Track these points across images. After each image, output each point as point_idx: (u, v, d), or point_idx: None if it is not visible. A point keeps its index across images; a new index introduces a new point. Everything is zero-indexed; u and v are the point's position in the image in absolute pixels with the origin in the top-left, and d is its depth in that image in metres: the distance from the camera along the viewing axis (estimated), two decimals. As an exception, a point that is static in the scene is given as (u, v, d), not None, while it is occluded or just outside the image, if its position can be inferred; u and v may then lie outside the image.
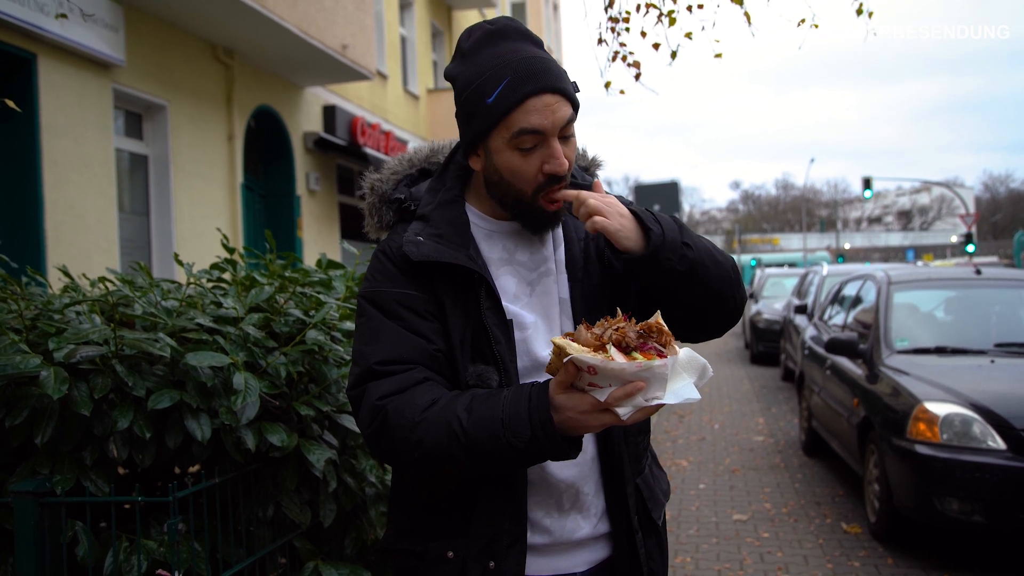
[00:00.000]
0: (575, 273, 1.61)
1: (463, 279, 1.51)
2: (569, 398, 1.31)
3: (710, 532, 5.48)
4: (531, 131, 1.45)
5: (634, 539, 1.60)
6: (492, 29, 1.50)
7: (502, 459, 1.37)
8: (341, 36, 11.05)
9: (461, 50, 1.53)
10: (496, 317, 1.50)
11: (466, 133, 1.54)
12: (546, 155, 1.47)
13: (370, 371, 1.46)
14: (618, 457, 1.59)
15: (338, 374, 2.44)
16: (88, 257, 7.58)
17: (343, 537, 2.50)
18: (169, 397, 2.01)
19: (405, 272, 1.52)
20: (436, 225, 1.55)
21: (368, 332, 1.51)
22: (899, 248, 70.92)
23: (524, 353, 1.53)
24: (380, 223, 1.68)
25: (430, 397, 1.41)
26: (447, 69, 1.55)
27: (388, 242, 1.59)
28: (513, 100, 1.44)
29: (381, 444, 1.44)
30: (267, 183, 11.88)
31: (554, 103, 1.45)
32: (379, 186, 1.69)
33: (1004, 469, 4.37)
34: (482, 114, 1.47)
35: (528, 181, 1.50)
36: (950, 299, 6.63)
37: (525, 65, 1.45)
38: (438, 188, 1.63)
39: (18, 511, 1.88)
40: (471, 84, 1.48)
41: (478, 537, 1.49)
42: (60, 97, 7.47)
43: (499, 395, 1.39)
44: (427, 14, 17.60)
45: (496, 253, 1.59)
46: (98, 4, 7.76)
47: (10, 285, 2.36)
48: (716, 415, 9.79)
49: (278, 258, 2.94)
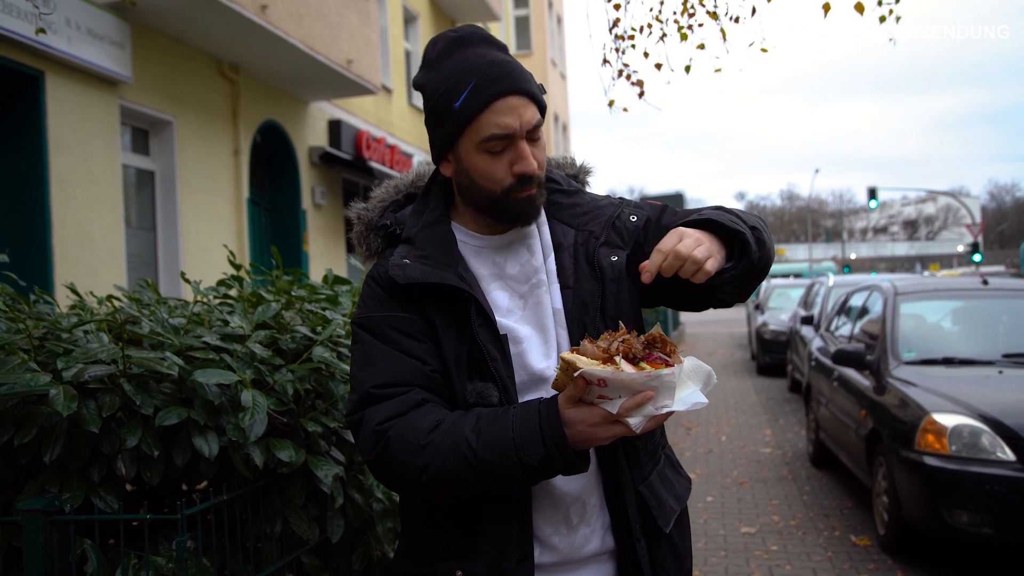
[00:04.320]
0: (566, 281, 1.60)
1: (452, 298, 1.51)
2: (579, 412, 1.31)
3: (718, 545, 5.46)
4: (499, 135, 1.46)
5: (635, 548, 1.57)
6: (456, 36, 1.51)
7: (513, 478, 1.37)
8: (346, 51, 11.11)
9: (428, 59, 1.53)
10: (489, 334, 1.50)
11: (436, 140, 1.55)
12: (515, 156, 1.48)
13: (367, 396, 1.46)
14: (616, 464, 1.57)
15: (344, 390, 2.44)
16: (94, 273, 7.61)
17: (351, 553, 2.49)
18: (177, 414, 2.02)
19: (394, 296, 1.52)
20: (422, 247, 1.55)
21: (363, 358, 1.51)
22: (905, 258, 70.79)
23: (520, 367, 1.53)
24: (369, 251, 1.68)
25: (433, 419, 1.41)
26: (415, 78, 1.56)
27: (377, 268, 1.60)
28: (479, 103, 1.45)
29: (384, 470, 1.44)
30: (273, 198, 11.92)
31: (520, 105, 1.46)
32: (365, 215, 1.69)
33: (1013, 481, 4.34)
34: (450, 119, 1.48)
35: (497, 182, 1.50)
36: (957, 310, 6.61)
37: (490, 69, 1.46)
38: (422, 210, 1.63)
39: (27, 529, 1.88)
40: (438, 91, 1.49)
41: (485, 554, 1.48)
42: (67, 113, 7.52)
43: (506, 414, 1.39)
44: (431, 29, 17.68)
45: (486, 269, 1.59)
46: (105, 21, 7.82)
47: (19, 304, 2.37)
48: (723, 427, 9.76)
49: (284, 274, 2.95)
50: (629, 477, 1.59)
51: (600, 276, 1.58)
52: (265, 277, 2.96)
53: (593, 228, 1.63)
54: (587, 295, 1.57)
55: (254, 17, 8.77)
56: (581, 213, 1.66)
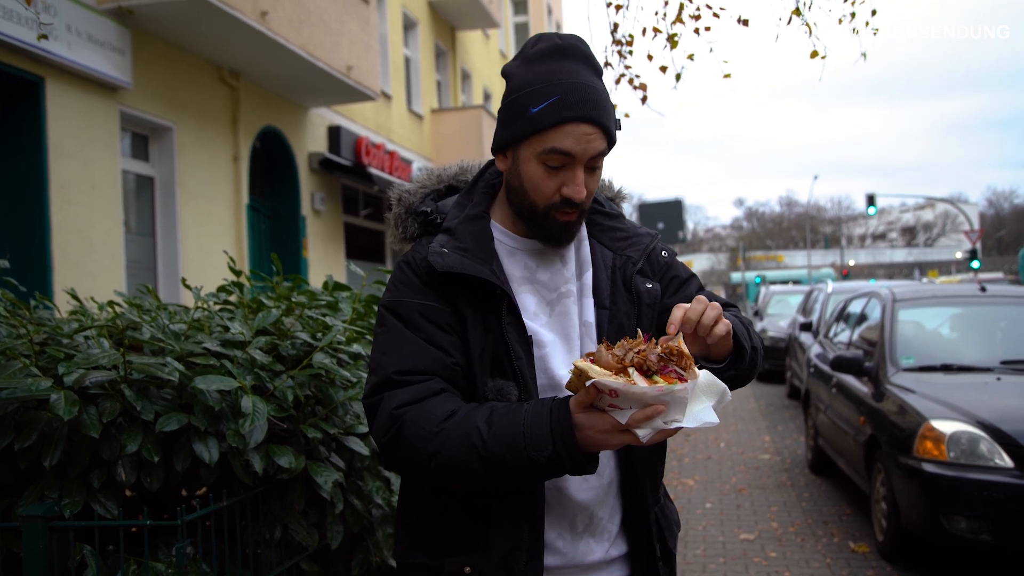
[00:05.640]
0: (602, 300, 1.63)
1: (485, 293, 1.52)
2: (589, 417, 1.33)
3: (717, 552, 5.45)
4: (561, 152, 1.48)
5: (656, 567, 1.63)
6: (560, 44, 1.53)
7: (521, 473, 1.38)
8: (346, 57, 11.13)
9: (525, 54, 1.55)
10: (517, 333, 1.51)
11: (501, 133, 1.56)
12: (568, 178, 1.50)
13: (388, 380, 1.47)
14: (641, 485, 1.61)
15: (344, 396, 2.45)
16: (94, 278, 7.62)
17: (350, 559, 2.50)
18: (177, 420, 2.02)
19: (428, 284, 1.54)
20: (461, 239, 1.57)
21: (387, 342, 1.52)
22: (904, 264, 70.84)
23: (542, 371, 1.54)
24: (404, 234, 1.69)
25: (448, 408, 1.43)
26: (506, 66, 1.58)
27: (412, 253, 1.61)
28: (554, 119, 1.47)
29: (396, 454, 1.45)
30: (272, 203, 11.93)
31: (591, 134, 1.48)
32: (407, 198, 1.70)
33: (1012, 487, 4.35)
34: (522, 121, 1.50)
35: (544, 197, 1.52)
36: (955, 316, 6.61)
37: (577, 91, 1.48)
38: (465, 203, 1.65)
39: (27, 535, 1.89)
40: (521, 89, 1.51)
41: (496, 550, 1.49)
42: (67, 119, 7.53)
43: (519, 409, 1.40)
44: (431, 35, 17.72)
45: (518, 271, 1.61)
46: (105, 27, 7.84)
47: (19, 309, 2.38)
48: (722, 434, 9.75)
49: (284, 280, 2.96)
50: (651, 499, 1.64)
51: (637, 301, 1.63)
52: (265, 283, 2.97)
53: (631, 254, 1.68)
54: (624, 317, 1.61)
55: (254, 23, 8.79)
56: (621, 238, 1.71)
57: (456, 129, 17.57)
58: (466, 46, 20.34)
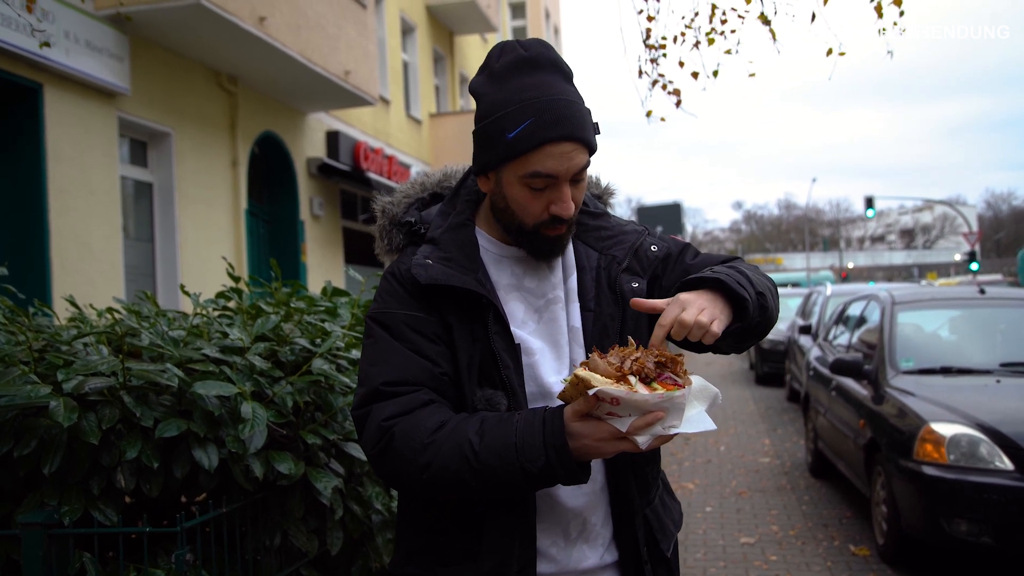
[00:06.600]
0: (586, 303, 1.61)
1: (471, 303, 1.51)
2: (586, 426, 1.32)
3: (717, 556, 5.45)
4: (544, 175, 1.46)
5: (643, 571, 1.59)
6: (525, 56, 1.49)
7: (513, 484, 1.37)
8: (344, 62, 11.14)
9: (490, 68, 1.51)
10: (504, 342, 1.50)
11: (480, 157, 1.54)
12: (554, 197, 1.49)
13: (376, 392, 1.46)
14: (626, 487, 1.58)
15: (344, 402, 2.45)
16: (92, 284, 7.61)
17: (350, 565, 2.49)
18: (176, 426, 2.02)
19: (414, 294, 1.53)
20: (445, 248, 1.56)
21: (375, 353, 1.51)
22: (903, 267, 70.89)
23: (531, 379, 1.53)
24: (390, 246, 1.68)
25: (438, 419, 1.42)
26: (472, 82, 1.55)
27: (398, 264, 1.60)
28: (532, 143, 1.44)
29: (386, 465, 1.44)
30: (271, 209, 11.93)
31: (572, 151, 1.46)
32: (390, 209, 1.69)
33: (1012, 490, 4.34)
34: (500, 146, 1.47)
35: (532, 216, 1.51)
36: (955, 319, 6.61)
37: (551, 108, 1.44)
38: (448, 212, 1.63)
39: (26, 543, 1.88)
40: (493, 112, 1.48)
41: (487, 561, 1.48)
42: (66, 125, 7.53)
43: (511, 419, 1.39)
44: (429, 40, 17.74)
45: (505, 278, 1.59)
46: (103, 34, 7.84)
47: (18, 316, 2.38)
48: (722, 437, 9.75)
49: (283, 286, 2.95)
50: (639, 502, 1.61)
51: (621, 302, 1.60)
52: (264, 289, 2.97)
53: (616, 253, 1.65)
54: (608, 319, 1.59)
55: (252, 29, 8.80)
56: (606, 237, 1.68)
57: (454, 133, 17.57)
58: (464, 51, 20.37)
